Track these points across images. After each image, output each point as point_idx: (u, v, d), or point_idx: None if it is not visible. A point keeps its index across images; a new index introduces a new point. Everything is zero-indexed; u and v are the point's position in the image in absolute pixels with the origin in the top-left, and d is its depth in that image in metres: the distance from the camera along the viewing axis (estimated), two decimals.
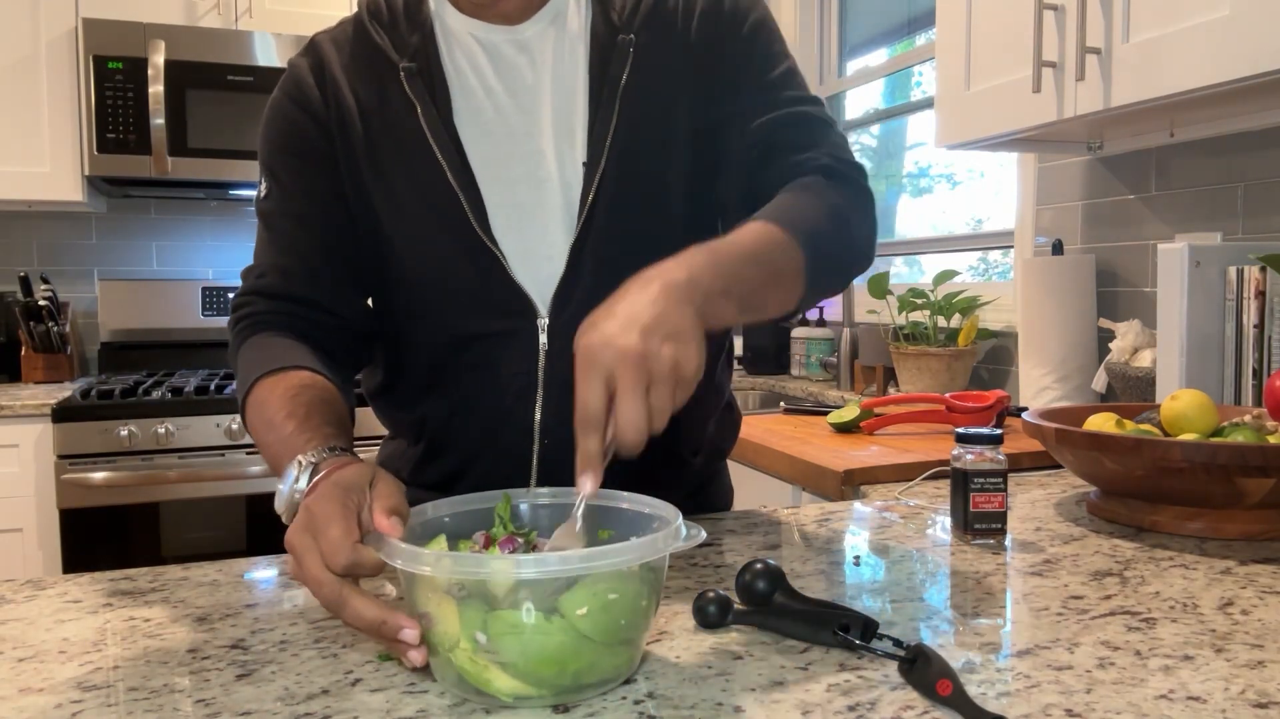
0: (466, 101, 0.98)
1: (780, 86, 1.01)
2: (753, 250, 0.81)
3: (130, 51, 2.69)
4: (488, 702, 0.62)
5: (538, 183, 0.98)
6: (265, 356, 0.94)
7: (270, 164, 1.02)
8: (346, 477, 0.71)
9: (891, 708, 0.61)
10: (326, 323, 1.01)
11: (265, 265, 1.01)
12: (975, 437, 1.01)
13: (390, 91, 0.97)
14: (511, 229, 0.98)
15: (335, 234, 1.00)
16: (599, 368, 0.66)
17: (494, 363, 1.00)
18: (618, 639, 0.63)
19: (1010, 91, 1.64)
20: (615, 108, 0.97)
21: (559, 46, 0.99)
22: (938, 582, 0.89)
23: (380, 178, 0.99)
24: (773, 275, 0.82)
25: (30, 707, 0.63)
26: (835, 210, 0.92)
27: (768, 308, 0.84)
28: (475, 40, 0.99)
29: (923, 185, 2.88)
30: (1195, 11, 1.30)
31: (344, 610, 0.65)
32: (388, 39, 0.99)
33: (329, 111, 0.99)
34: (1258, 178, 1.65)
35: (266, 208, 1.02)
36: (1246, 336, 1.42)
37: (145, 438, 2.44)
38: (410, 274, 1.01)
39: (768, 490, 1.71)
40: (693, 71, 1.00)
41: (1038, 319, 1.92)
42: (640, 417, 0.65)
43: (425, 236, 0.99)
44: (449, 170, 0.95)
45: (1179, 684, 0.65)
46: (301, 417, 0.84)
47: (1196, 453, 1.00)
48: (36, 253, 3.07)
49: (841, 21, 3.07)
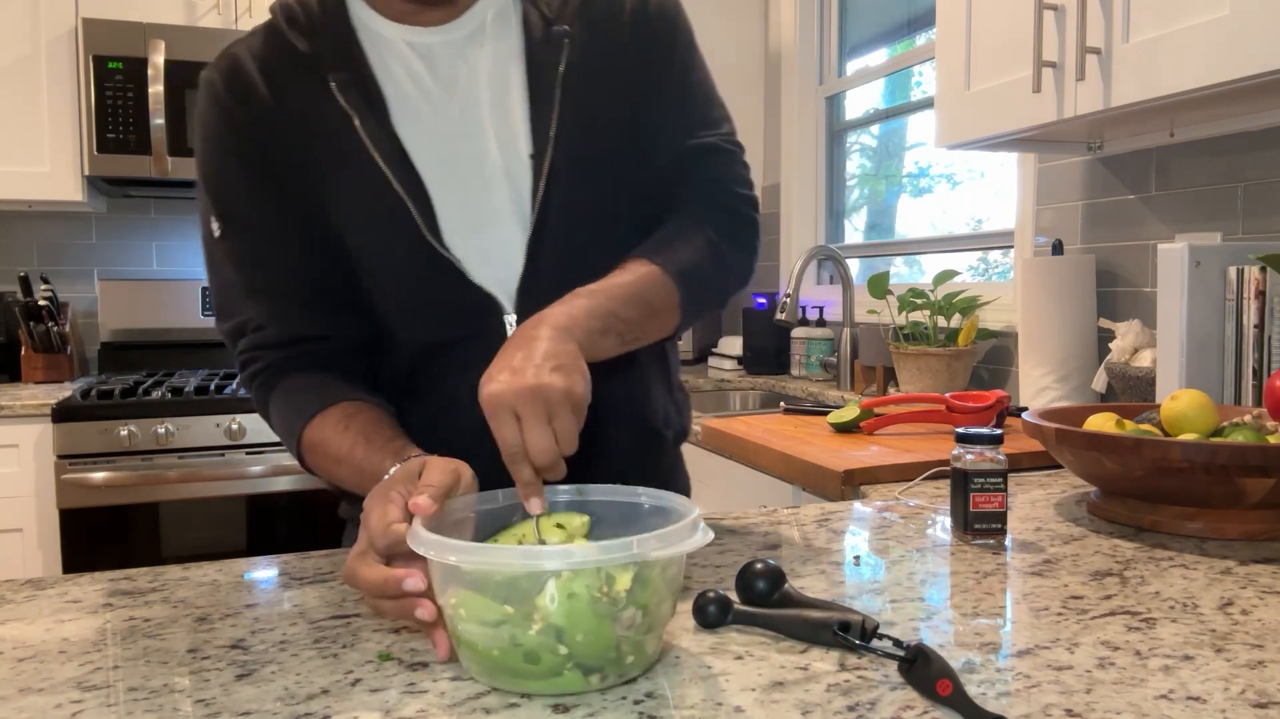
0: (404, 107, 0.97)
1: (700, 105, 1.06)
2: (632, 292, 0.91)
3: (130, 51, 2.69)
4: (505, 695, 0.62)
5: (486, 182, 0.98)
6: (301, 404, 0.96)
7: (220, 200, 0.98)
8: (403, 469, 0.78)
9: (891, 708, 0.61)
10: (334, 348, 1.01)
11: (254, 315, 0.99)
12: (975, 437, 1.01)
13: (323, 103, 0.95)
14: (466, 231, 0.98)
15: (306, 259, 0.98)
16: (505, 408, 0.74)
17: (468, 365, 0.99)
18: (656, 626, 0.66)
19: (1010, 91, 1.64)
20: (556, 97, 0.97)
21: (493, 44, 0.99)
22: (938, 582, 0.89)
23: (330, 193, 0.97)
24: (649, 313, 0.93)
25: (30, 707, 0.63)
26: (712, 245, 1.01)
27: (646, 338, 0.94)
28: (406, 45, 0.98)
29: (923, 185, 2.88)
30: (1195, 11, 1.30)
31: (354, 580, 0.71)
32: (311, 48, 0.96)
33: (262, 129, 0.96)
34: (1258, 178, 1.65)
35: (229, 249, 0.98)
36: (1246, 337, 1.42)
37: (145, 438, 2.44)
38: (374, 286, 1.00)
39: (768, 490, 1.71)
40: (625, 67, 1.01)
41: (1038, 319, 1.92)
42: (548, 441, 0.74)
43: (381, 249, 0.98)
44: (394, 179, 0.94)
45: (1179, 684, 0.65)
46: (364, 442, 0.89)
47: (1196, 453, 1.00)
48: (36, 253, 3.07)
49: (841, 21, 3.07)
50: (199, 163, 1.00)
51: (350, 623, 0.78)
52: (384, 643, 0.74)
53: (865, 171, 3.11)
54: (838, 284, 2.79)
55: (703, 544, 0.65)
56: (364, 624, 0.78)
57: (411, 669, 0.68)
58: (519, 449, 0.74)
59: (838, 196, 3.14)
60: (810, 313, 2.91)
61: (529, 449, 0.74)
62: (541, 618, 0.62)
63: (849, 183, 3.14)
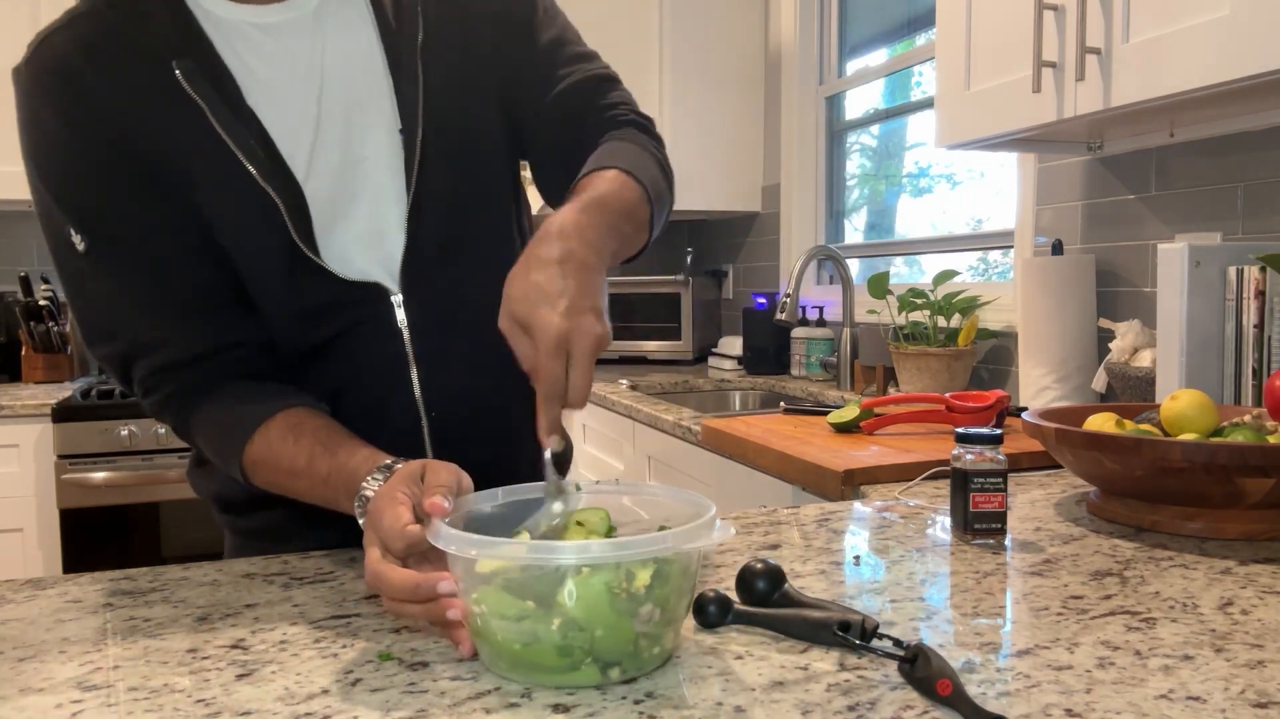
0: (260, 93, 0.90)
1: (563, 44, 1.03)
2: (626, 206, 0.87)
3: None
4: (505, 695, 0.62)
5: (357, 162, 0.95)
6: (232, 421, 0.91)
7: (78, 210, 0.88)
8: (401, 473, 0.76)
9: (891, 708, 0.61)
10: (244, 355, 0.94)
11: (147, 334, 0.91)
12: (975, 437, 1.01)
13: (169, 94, 0.86)
14: (340, 217, 0.94)
15: (194, 261, 0.91)
16: (562, 345, 0.72)
17: (360, 352, 0.98)
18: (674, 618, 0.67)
19: (1010, 91, 1.64)
20: (418, 71, 0.95)
21: (342, 21, 0.95)
22: (938, 582, 0.89)
23: (194, 190, 0.89)
24: (637, 227, 0.89)
25: (30, 707, 0.63)
26: (659, 162, 0.98)
27: (625, 257, 0.91)
28: (252, 26, 0.91)
29: (923, 185, 2.88)
30: (1195, 11, 1.30)
31: (381, 584, 0.69)
32: (144, 33, 0.87)
33: (110, 126, 0.87)
34: (1258, 178, 1.65)
35: (99, 261, 0.88)
36: (1246, 337, 1.42)
37: (145, 438, 2.44)
38: (250, 290, 0.94)
39: (768, 490, 1.71)
40: (479, 28, 0.99)
41: (1038, 319, 1.92)
42: (589, 386, 0.73)
43: (252, 253, 0.92)
44: (259, 175, 0.89)
45: (1179, 684, 0.65)
46: (324, 453, 0.86)
47: (1196, 453, 1.00)
48: (37, 253, 3.07)
49: (841, 21, 3.07)
50: (37, 172, 0.88)
51: (350, 623, 0.78)
52: (384, 643, 0.74)
53: (865, 171, 3.11)
54: (838, 284, 2.79)
55: (723, 540, 0.66)
56: (364, 624, 0.78)
57: (411, 669, 0.68)
58: (560, 387, 0.72)
59: (838, 196, 3.14)
60: (810, 313, 2.91)
61: (572, 390, 0.72)
62: (561, 613, 0.62)
63: (849, 183, 3.14)
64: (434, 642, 0.74)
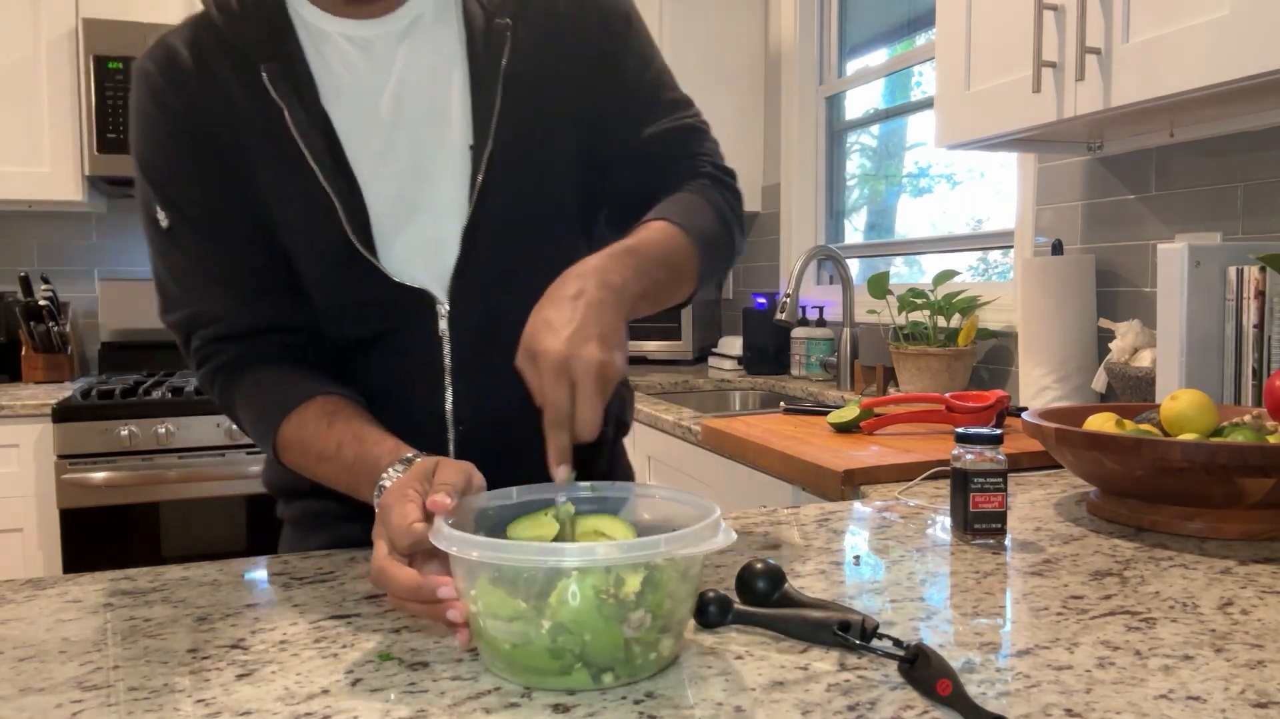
0: (339, 100, 0.96)
1: (658, 89, 1.05)
2: (663, 254, 0.90)
3: (130, 51, 2.69)
4: (505, 695, 0.62)
5: (423, 172, 0.98)
6: (272, 399, 0.96)
7: (164, 188, 0.97)
8: (414, 469, 0.77)
9: (891, 708, 0.61)
10: (294, 340, 1.00)
11: (210, 306, 0.97)
12: (975, 437, 1.01)
13: (256, 94, 0.94)
14: (399, 223, 0.97)
15: (261, 248, 0.97)
16: (565, 372, 0.74)
17: (398, 354, 1.00)
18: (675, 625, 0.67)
19: (1010, 91, 1.64)
20: (498, 90, 0.97)
21: (433, 37, 0.99)
22: (938, 582, 0.89)
23: (264, 185, 0.96)
24: (676, 277, 0.92)
25: (30, 707, 0.63)
26: (720, 214, 1.01)
27: (667, 303, 0.94)
28: (344, 37, 0.97)
29: (923, 185, 2.88)
30: (1195, 11, 1.30)
31: (385, 582, 0.70)
32: (243, 39, 0.95)
33: (203, 118, 0.95)
34: (1258, 178, 1.65)
35: (177, 238, 0.97)
36: (1246, 337, 1.42)
37: (145, 438, 2.44)
38: (303, 282, 0.99)
39: (768, 490, 1.71)
40: (570, 60, 1.01)
41: (1038, 319, 1.92)
42: (599, 417, 0.75)
43: (306, 246, 0.97)
44: (322, 175, 0.93)
45: (1179, 684, 0.65)
46: (354, 440, 0.89)
47: (1196, 453, 1.00)
48: (37, 253, 3.08)
49: (841, 21, 3.07)
50: (137, 153, 0.98)
51: (350, 623, 0.78)
52: (384, 643, 0.74)
53: (865, 171, 3.11)
54: (838, 284, 2.79)
55: (723, 546, 0.65)
56: (364, 624, 0.78)
57: (411, 669, 0.69)
58: (566, 415, 0.74)
59: (838, 196, 3.14)
60: (810, 313, 2.91)
61: (579, 419, 0.74)
62: (551, 616, 0.62)
63: (849, 183, 3.14)
64: (434, 641, 0.74)
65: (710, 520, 0.67)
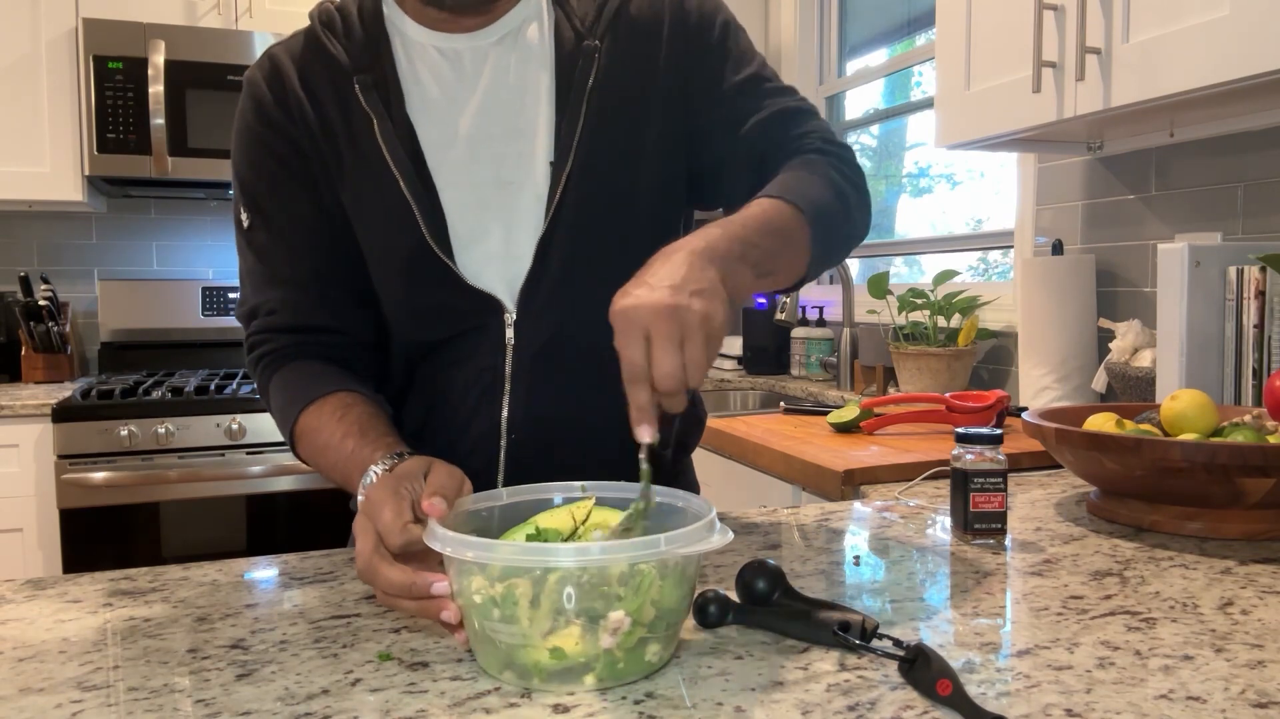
0: (427, 111, 0.99)
1: (758, 82, 1.04)
2: (763, 222, 0.86)
3: (130, 51, 2.69)
4: (505, 695, 0.62)
5: (503, 184, 0.99)
6: (300, 389, 0.98)
7: (250, 192, 1.02)
8: (403, 468, 0.77)
9: (891, 708, 0.61)
10: (341, 343, 1.02)
11: (269, 301, 1.02)
12: (975, 437, 1.01)
13: (349, 104, 0.98)
14: (476, 232, 0.99)
15: (326, 254, 1.01)
16: (636, 326, 0.70)
17: (463, 359, 1.02)
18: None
19: (1010, 91, 1.64)
20: (582, 110, 0.98)
21: (522, 54, 1.00)
22: (938, 582, 0.89)
23: (347, 192, 0.99)
24: (783, 243, 0.87)
25: (30, 707, 0.63)
26: (834, 184, 0.97)
27: (779, 274, 0.88)
28: (437, 50, 1.00)
29: (923, 185, 2.88)
30: (1195, 11, 1.30)
31: (376, 579, 0.70)
32: (342, 50, 0.99)
33: (296, 129, 0.99)
34: (1258, 178, 1.65)
35: (253, 239, 1.02)
36: (1246, 337, 1.42)
37: (145, 438, 2.44)
38: (378, 287, 1.02)
39: (768, 490, 1.71)
40: (662, 81, 1.01)
41: (1038, 319, 1.92)
42: (676, 366, 0.69)
43: (384, 250, 1.00)
44: (403, 181, 0.96)
45: (1179, 684, 0.65)
46: (357, 434, 0.90)
47: (1196, 453, 1.00)
48: (36, 253, 3.07)
49: (841, 21, 3.07)
50: (233, 157, 1.04)
51: (350, 623, 0.78)
52: (384, 643, 0.74)
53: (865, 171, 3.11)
54: (837, 284, 2.79)
55: (718, 546, 0.65)
56: (364, 624, 0.78)
57: (411, 669, 0.69)
58: (642, 369, 0.69)
59: None
60: (810, 313, 2.91)
61: (655, 371, 0.69)
62: (531, 618, 0.62)
63: None
64: (434, 641, 0.74)
65: (706, 520, 0.66)
